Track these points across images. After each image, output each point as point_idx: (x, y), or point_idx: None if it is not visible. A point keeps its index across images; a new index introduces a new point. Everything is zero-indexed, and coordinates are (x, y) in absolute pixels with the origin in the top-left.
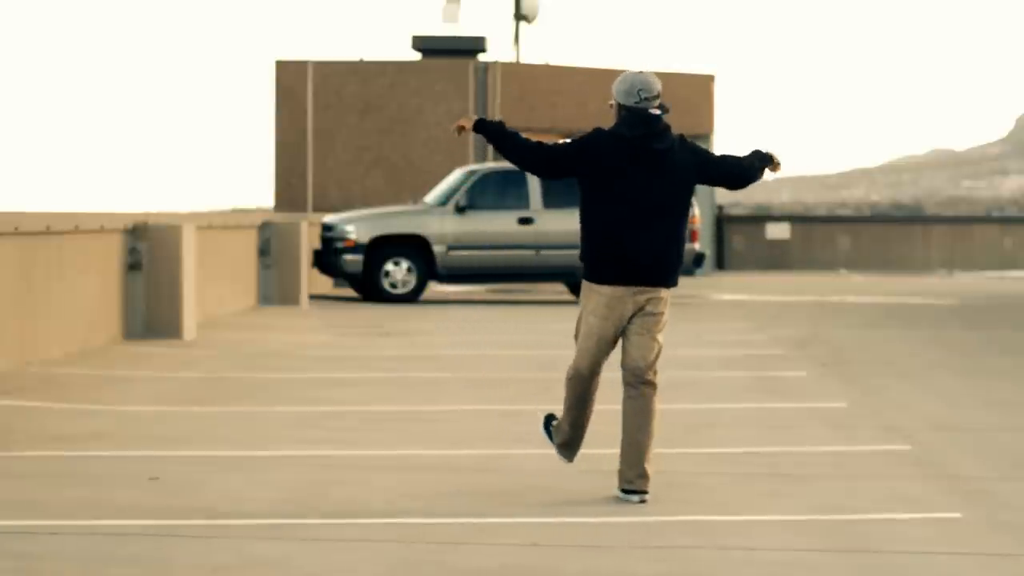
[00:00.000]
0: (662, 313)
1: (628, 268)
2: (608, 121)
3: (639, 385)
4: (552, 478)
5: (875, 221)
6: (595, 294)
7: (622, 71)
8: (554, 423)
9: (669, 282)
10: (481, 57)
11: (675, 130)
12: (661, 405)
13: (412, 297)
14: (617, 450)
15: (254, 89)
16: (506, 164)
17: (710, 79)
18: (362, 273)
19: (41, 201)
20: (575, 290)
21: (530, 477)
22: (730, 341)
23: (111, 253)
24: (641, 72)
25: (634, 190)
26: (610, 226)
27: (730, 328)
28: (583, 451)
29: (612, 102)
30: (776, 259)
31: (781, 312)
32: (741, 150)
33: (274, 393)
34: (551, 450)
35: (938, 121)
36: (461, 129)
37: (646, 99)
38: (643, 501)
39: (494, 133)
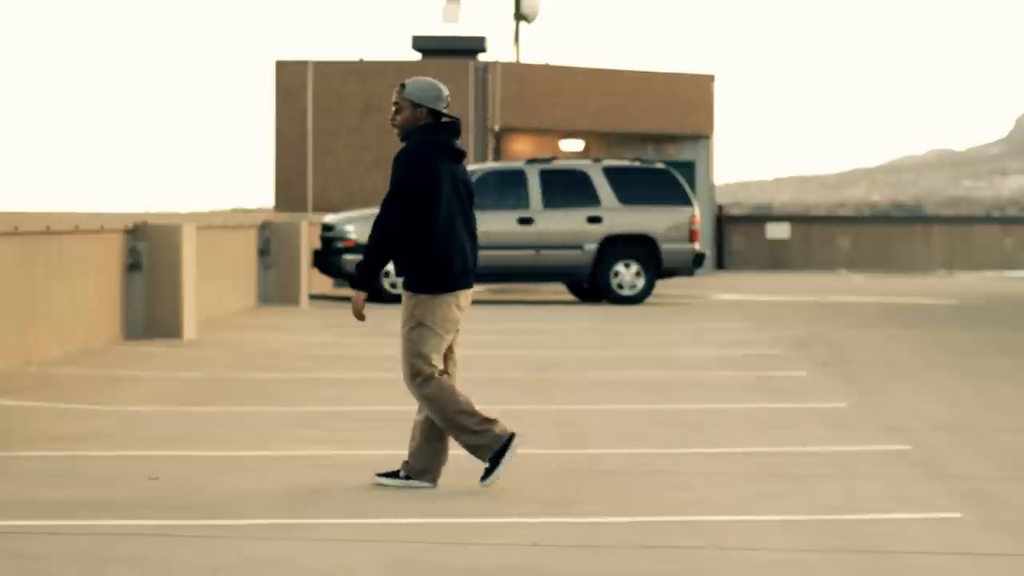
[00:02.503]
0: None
1: (469, 272)
2: (602, 119)
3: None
4: (552, 478)
5: (875, 221)
6: (443, 304)
7: (623, 71)
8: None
9: None
10: (481, 57)
11: (676, 130)
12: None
13: None
14: (606, 450)
15: (254, 89)
16: (506, 164)
17: (710, 79)
18: None
19: (41, 201)
20: (575, 290)
21: (530, 477)
22: (730, 341)
23: (111, 253)
24: (433, 79)
25: (459, 197)
26: (451, 234)
27: (730, 328)
28: (581, 451)
29: (405, 102)
30: (776, 259)
31: (781, 312)
32: (741, 150)
33: (274, 393)
34: (551, 450)
35: (938, 121)
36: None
37: (448, 103)
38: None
39: (372, 267)
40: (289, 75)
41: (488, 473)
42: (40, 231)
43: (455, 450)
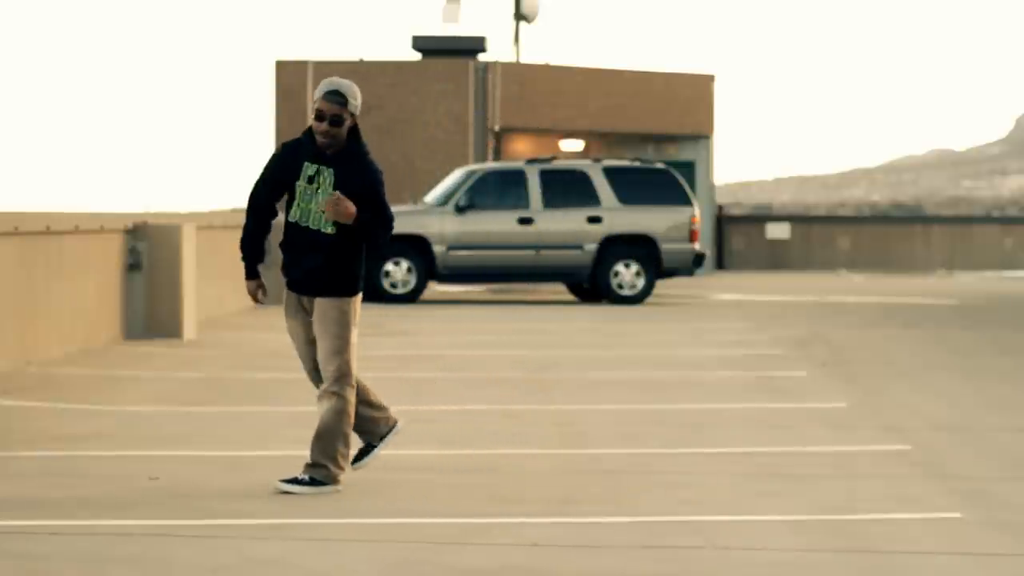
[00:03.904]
0: None
1: None
2: (602, 120)
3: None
4: (552, 478)
5: (875, 221)
6: (358, 304)
7: (623, 71)
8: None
9: None
10: (481, 57)
11: (676, 130)
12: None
13: (412, 297)
14: (606, 450)
15: (254, 89)
16: (506, 164)
17: (710, 79)
18: None
19: (41, 200)
20: (575, 290)
21: (530, 477)
22: (730, 341)
23: (111, 253)
24: None
25: None
26: None
27: (730, 328)
28: (581, 451)
29: (348, 114)
30: (776, 259)
31: (781, 312)
32: (741, 150)
33: (274, 393)
34: (551, 450)
35: (938, 121)
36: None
37: None
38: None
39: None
40: (289, 75)
41: (295, 482)
42: (40, 231)
43: (453, 450)
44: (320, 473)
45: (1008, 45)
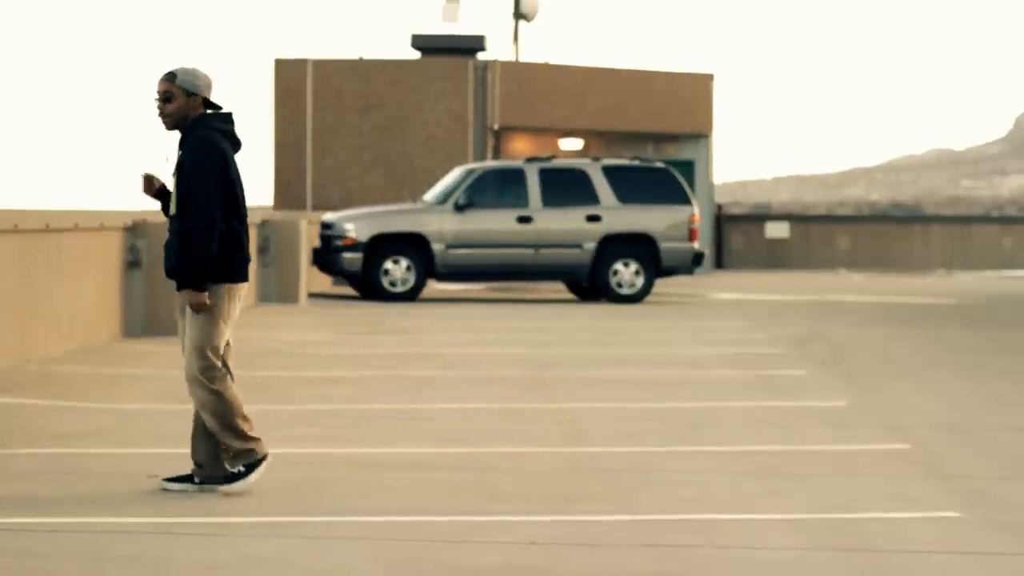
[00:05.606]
0: None
1: (248, 261)
2: (602, 119)
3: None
4: (552, 476)
5: (874, 221)
6: (235, 295)
7: (622, 70)
8: (239, 459)
9: None
10: (480, 56)
11: (675, 129)
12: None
13: (411, 295)
14: (606, 448)
15: (253, 88)
16: (505, 163)
17: (710, 79)
18: (361, 271)
19: (41, 199)
20: (574, 289)
21: (529, 476)
22: (729, 340)
23: (111, 251)
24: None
25: (240, 183)
26: (240, 221)
27: (729, 327)
28: (581, 449)
29: (178, 90)
30: (775, 258)
31: (780, 311)
32: (740, 149)
33: (273, 391)
34: (551, 448)
35: (938, 121)
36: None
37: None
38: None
39: (211, 263)
40: (288, 74)
41: (234, 479)
42: (40, 229)
43: (453, 448)
44: (243, 458)
45: (1008, 45)
